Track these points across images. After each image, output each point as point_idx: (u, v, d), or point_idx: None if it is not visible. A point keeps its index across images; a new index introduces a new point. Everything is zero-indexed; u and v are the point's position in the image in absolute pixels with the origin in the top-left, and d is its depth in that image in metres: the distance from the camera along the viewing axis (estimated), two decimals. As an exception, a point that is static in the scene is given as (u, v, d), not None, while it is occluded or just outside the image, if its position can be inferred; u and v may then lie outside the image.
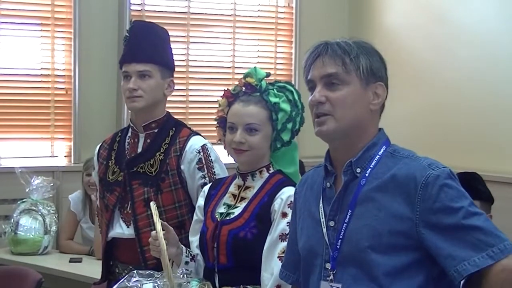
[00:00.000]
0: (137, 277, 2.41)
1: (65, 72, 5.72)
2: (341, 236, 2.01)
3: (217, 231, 2.64)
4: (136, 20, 3.36)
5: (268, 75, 2.76)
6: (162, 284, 2.36)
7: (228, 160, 2.86)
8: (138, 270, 2.45)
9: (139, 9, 5.93)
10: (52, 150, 5.72)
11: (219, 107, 2.79)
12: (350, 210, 2.01)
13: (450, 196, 1.92)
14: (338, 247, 2.01)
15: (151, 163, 3.04)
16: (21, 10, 5.61)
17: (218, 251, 2.63)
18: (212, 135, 3.11)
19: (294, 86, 2.78)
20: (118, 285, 2.43)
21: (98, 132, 5.42)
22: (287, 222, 2.49)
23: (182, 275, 2.54)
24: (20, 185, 4.72)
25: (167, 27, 3.25)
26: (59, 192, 5.27)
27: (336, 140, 2.05)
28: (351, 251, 1.99)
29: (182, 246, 2.70)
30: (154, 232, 2.57)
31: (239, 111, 2.68)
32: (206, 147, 3.04)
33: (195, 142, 3.04)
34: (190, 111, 6.12)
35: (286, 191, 2.60)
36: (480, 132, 5.37)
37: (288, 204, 2.54)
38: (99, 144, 3.26)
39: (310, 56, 2.07)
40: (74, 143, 5.69)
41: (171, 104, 4.44)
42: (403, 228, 1.94)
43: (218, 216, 2.69)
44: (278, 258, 2.50)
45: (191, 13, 6.10)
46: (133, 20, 3.24)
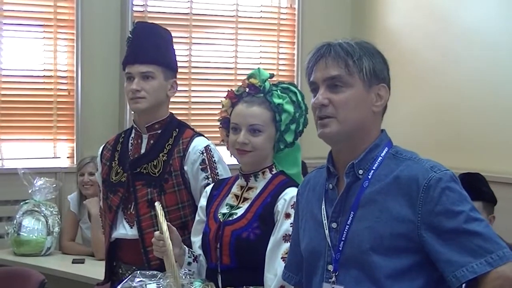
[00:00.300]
0: (140, 277, 2.40)
1: (67, 73, 5.72)
2: (343, 238, 2.01)
3: (220, 232, 2.64)
4: (138, 21, 3.37)
5: (271, 76, 2.77)
6: (165, 284, 2.36)
7: (231, 161, 2.87)
8: (141, 271, 2.45)
9: (142, 10, 5.92)
10: (55, 151, 5.72)
11: (222, 107, 2.79)
12: (352, 212, 2.01)
13: (452, 200, 1.92)
14: (340, 249, 2.01)
15: (155, 164, 3.04)
16: (23, 11, 5.62)
17: (221, 252, 2.63)
18: (215, 136, 3.12)
19: (298, 87, 2.78)
20: (122, 285, 2.43)
21: (101, 133, 5.40)
22: (291, 223, 2.48)
23: (184, 275, 2.54)
24: (23, 186, 4.73)
25: (170, 28, 3.24)
26: (62, 193, 5.26)
27: (339, 142, 2.04)
28: (353, 253, 1.99)
29: (184, 246, 2.70)
30: (157, 233, 2.58)
31: (242, 112, 2.68)
32: (210, 148, 3.04)
33: (199, 143, 3.04)
34: (193, 112, 6.11)
35: (289, 192, 2.59)
36: (482, 133, 5.35)
37: (292, 205, 2.53)
38: (102, 145, 3.26)
39: (313, 58, 2.05)
40: (77, 144, 5.69)
41: (174, 105, 4.43)
42: (404, 231, 1.94)
43: (220, 216, 2.68)
44: (282, 259, 2.50)
45: (194, 14, 6.10)
46: (135, 21, 3.24)
